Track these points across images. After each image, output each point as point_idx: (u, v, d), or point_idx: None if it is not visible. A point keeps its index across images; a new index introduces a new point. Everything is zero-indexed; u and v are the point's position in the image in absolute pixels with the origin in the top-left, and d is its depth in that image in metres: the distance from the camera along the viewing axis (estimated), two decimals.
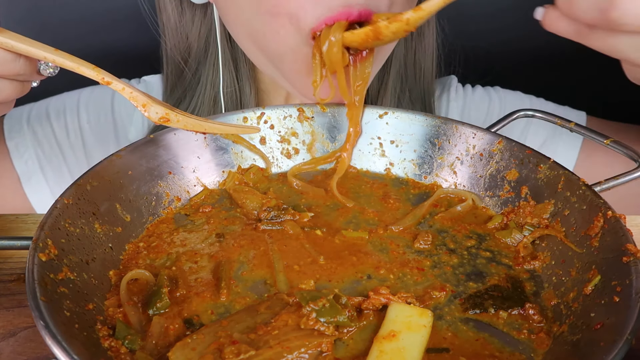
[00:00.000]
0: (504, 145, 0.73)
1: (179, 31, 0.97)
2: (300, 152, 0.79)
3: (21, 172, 0.96)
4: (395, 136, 0.78)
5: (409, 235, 0.68)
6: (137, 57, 1.12)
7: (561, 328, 0.55)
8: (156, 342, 0.53)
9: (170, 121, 0.64)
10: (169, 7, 0.96)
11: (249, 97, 0.96)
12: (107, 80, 0.62)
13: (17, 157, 0.96)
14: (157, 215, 0.69)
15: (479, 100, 1.07)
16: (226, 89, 0.95)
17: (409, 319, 0.55)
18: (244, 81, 0.96)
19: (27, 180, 0.96)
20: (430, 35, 1.00)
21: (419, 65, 1.01)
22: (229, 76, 0.95)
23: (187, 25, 0.96)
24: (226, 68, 0.95)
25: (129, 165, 0.68)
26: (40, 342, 0.58)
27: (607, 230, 0.59)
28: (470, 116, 1.06)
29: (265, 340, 0.51)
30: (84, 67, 0.61)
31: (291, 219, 0.69)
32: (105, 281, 0.59)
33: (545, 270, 0.62)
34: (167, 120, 0.64)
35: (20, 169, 0.96)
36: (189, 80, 0.99)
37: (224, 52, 0.94)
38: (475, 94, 1.08)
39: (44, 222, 0.57)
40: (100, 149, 1.00)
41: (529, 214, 0.68)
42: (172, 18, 0.96)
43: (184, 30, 0.97)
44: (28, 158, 0.96)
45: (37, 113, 1.00)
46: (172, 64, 1.01)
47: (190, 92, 0.99)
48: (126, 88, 0.63)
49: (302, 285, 0.59)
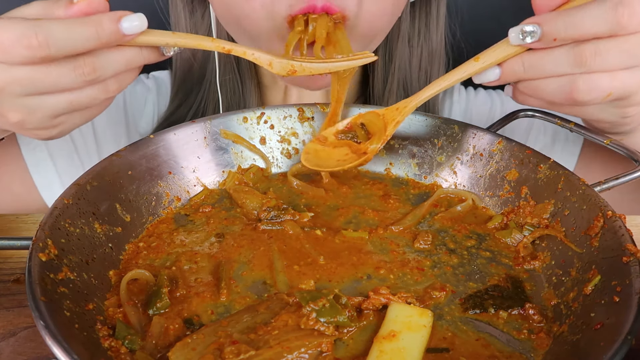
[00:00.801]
0: (504, 145, 0.73)
1: (189, 28, 0.99)
2: (300, 152, 0.79)
3: (29, 161, 0.95)
4: (395, 136, 0.78)
5: (409, 235, 0.68)
6: None
7: (561, 328, 0.55)
8: (156, 342, 0.53)
9: (297, 72, 0.67)
10: (180, 5, 0.98)
11: (250, 91, 0.98)
12: (227, 48, 0.64)
13: (25, 144, 0.95)
14: (157, 215, 0.69)
15: (481, 102, 1.08)
16: (228, 84, 0.97)
17: (409, 319, 0.55)
18: (245, 75, 0.97)
19: (35, 169, 0.95)
20: (437, 40, 1.00)
21: (424, 68, 1.01)
22: (231, 71, 0.97)
23: (197, 22, 0.98)
24: (228, 62, 0.96)
25: (129, 165, 0.69)
26: (40, 342, 0.58)
27: (607, 230, 0.59)
28: (472, 118, 1.06)
29: (265, 340, 0.51)
30: (204, 42, 0.64)
31: (291, 219, 0.69)
32: (105, 281, 0.59)
33: (545, 270, 0.62)
34: (295, 72, 0.67)
35: (29, 158, 0.95)
36: (197, 76, 1.00)
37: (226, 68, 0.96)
38: (478, 97, 1.09)
39: (44, 222, 0.57)
40: (111, 139, 1.00)
41: (529, 214, 0.68)
42: (183, 15, 0.98)
43: (194, 27, 0.99)
44: (36, 146, 0.95)
45: None
46: (180, 59, 1.02)
47: (197, 86, 1.00)
48: (247, 51, 0.65)
49: (302, 285, 0.59)
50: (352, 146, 0.74)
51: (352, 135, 0.75)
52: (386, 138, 0.71)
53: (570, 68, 0.59)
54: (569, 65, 0.59)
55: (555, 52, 0.60)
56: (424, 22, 0.98)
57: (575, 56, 0.59)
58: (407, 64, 1.00)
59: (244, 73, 0.97)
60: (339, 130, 0.75)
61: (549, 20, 0.58)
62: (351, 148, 0.73)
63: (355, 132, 0.75)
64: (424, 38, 0.99)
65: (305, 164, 0.73)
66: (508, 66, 0.63)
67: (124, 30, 0.58)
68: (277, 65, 0.67)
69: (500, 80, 0.64)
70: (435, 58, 1.01)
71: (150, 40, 0.62)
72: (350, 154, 0.73)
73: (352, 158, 0.72)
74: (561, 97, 0.62)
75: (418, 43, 0.99)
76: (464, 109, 1.08)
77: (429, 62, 1.01)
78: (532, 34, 0.59)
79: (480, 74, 0.65)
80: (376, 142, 0.72)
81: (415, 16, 0.98)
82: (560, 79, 0.61)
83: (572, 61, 0.59)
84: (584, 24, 0.57)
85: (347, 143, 0.74)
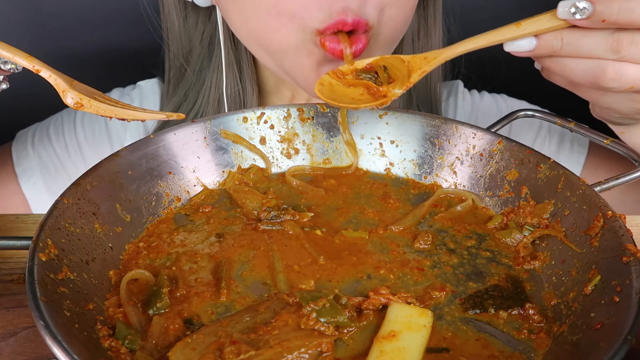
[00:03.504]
0: (504, 145, 0.73)
1: (182, 35, 0.98)
2: (300, 152, 0.79)
3: (29, 196, 0.99)
4: (395, 136, 0.78)
5: (409, 235, 0.68)
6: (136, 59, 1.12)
7: (561, 328, 0.55)
8: (156, 342, 0.53)
9: (84, 106, 0.65)
10: (173, 12, 0.98)
11: (252, 98, 0.98)
12: (37, 68, 0.63)
13: (24, 181, 0.99)
14: (157, 215, 0.69)
15: (487, 106, 1.08)
16: (230, 90, 0.96)
17: (409, 319, 0.55)
18: (247, 83, 0.97)
19: (35, 204, 0.99)
20: (436, 36, 1.00)
21: None
22: (232, 78, 0.96)
23: (191, 29, 0.98)
24: (230, 70, 0.96)
25: (129, 165, 0.69)
26: (40, 342, 0.58)
27: (607, 230, 0.59)
28: (477, 122, 1.06)
29: (266, 340, 0.51)
30: (17, 57, 0.63)
31: (291, 219, 0.69)
32: (105, 281, 0.59)
33: (545, 270, 0.62)
34: (81, 106, 0.65)
35: (28, 193, 0.99)
36: (192, 82, 1.00)
37: (228, 55, 0.95)
38: (484, 100, 1.09)
39: (44, 222, 0.57)
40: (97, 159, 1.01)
41: (529, 214, 0.68)
42: (177, 22, 0.97)
43: (187, 33, 0.98)
44: (35, 181, 0.99)
45: (39, 137, 1.03)
46: (174, 67, 1.02)
47: (193, 94, 1.00)
48: (52, 75, 0.64)
49: (302, 286, 0.59)
50: (371, 87, 0.69)
51: (372, 76, 0.70)
52: (409, 85, 0.66)
53: (605, 53, 0.59)
54: (604, 50, 0.59)
55: (596, 34, 0.59)
56: (424, 19, 0.98)
57: (613, 42, 0.58)
58: None
59: (246, 80, 0.97)
60: (358, 69, 0.70)
61: (604, 1, 0.57)
62: (369, 90, 0.69)
63: (375, 73, 0.70)
64: (424, 35, 0.99)
65: (319, 95, 0.69)
66: (546, 39, 0.61)
67: None
68: (69, 95, 0.65)
69: (534, 52, 0.62)
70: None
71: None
72: (366, 95, 0.69)
73: (368, 99, 0.68)
74: (587, 80, 0.61)
75: (419, 40, 0.99)
76: (469, 112, 1.08)
77: None
78: (583, 11, 0.57)
79: (515, 42, 0.62)
80: (399, 86, 0.67)
81: (416, 14, 0.98)
82: (591, 61, 0.60)
83: (609, 46, 0.58)
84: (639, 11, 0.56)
85: (366, 83, 0.70)
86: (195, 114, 0.98)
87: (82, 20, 1.24)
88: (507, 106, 1.07)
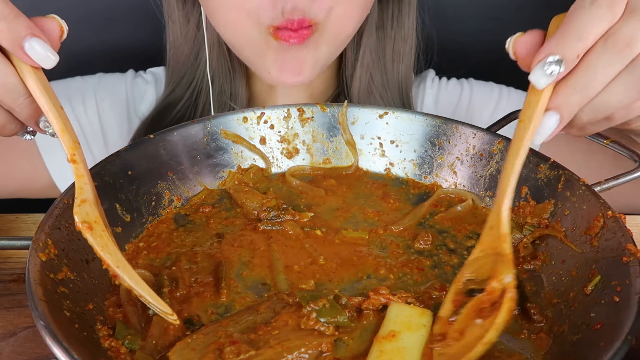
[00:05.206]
0: (504, 146, 0.73)
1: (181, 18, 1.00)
2: (300, 152, 0.79)
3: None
4: (395, 136, 0.78)
5: (409, 235, 0.68)
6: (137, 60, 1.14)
7: (561, 328, 0.55)
8: (156, 342, 0.53)
9: (93, 229, 0.54)
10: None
11: (243, 100, 1.01)
12: (74, 158, 0.55)
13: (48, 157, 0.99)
14: (157, 215, 0.69)
15: (451, 89, 1.11)
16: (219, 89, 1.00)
17: (408, 319, 0.55)
18: (238, 84, 1.01)
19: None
20: (409, 25, 1.02)
21: (397, 52, 1.03)
22: (224, 80, 1.00)
23: (192, 32, 1.00)
24: (221, 71, 1.00)
25: (129, 165, 0.68)
26: (40, 342, 0.58)
27: (607, 230, 0.59)
28: (441, 103, 1.10)
29: (266, 340, 0.51)
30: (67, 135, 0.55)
31: (291, 219, 0.69)
32: (105, 281, 0.59)
33: (545, 270, 0.62)
34: (90, 228, 0.53)
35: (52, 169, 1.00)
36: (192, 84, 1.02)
37: (218, 58, 0.99)
38: (449, 85, 1.12)
39: (44, 222, 0.57)
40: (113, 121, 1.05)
41: (529, 214, 0.68)
42: (176, 6, 0.99)
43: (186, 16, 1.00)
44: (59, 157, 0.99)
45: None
46: (174, 65, 1.04)
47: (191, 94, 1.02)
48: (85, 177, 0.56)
49: (302, 286, 0.59)
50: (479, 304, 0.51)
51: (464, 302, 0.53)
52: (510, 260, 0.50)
53: (619, 60, 0.51)
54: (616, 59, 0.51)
55: (592, 56, 0.51)
56: (397, 6, 1.00)
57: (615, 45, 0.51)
58: (382, 50, 1.02)
59: (237, 81, 1.01)
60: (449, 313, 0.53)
61: (557, 44, 0.51)
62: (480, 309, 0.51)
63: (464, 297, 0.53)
64: (396, 23, 1.01)
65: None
66: (560, 100, 0.52)
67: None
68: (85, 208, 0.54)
69: (563, 122, 0.52)
70: (407, 42, 1.03)
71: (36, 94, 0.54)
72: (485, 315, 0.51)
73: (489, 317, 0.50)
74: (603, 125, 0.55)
75: (392, 27, 1.01)
76: (435, 95, 1.11)
77: (402, 45, 1.03)
78: (557, 62, 0.50)
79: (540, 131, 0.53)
80: (506, 271, 0.50)
81: (389, 2, 0.99)
82: (618, 81, 0.52)
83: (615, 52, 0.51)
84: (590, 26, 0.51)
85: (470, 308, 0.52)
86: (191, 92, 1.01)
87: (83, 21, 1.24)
88: (470, 87, 1.09)
